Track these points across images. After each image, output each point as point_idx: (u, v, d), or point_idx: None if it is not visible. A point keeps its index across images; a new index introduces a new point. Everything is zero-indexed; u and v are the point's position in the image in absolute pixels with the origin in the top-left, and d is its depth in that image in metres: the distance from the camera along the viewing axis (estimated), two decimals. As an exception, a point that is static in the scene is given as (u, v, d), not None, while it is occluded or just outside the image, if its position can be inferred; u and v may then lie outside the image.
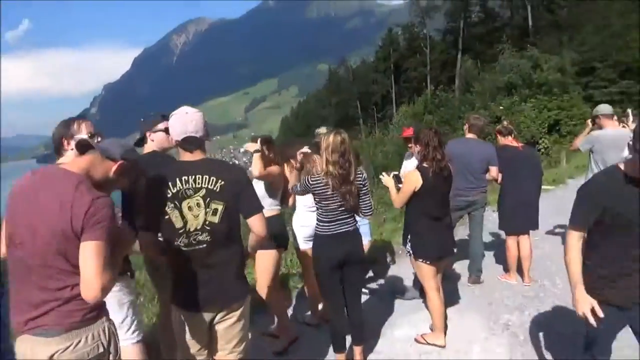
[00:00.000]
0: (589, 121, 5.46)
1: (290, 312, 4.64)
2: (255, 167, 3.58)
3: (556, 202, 9.27)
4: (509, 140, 5.09)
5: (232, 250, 2.40)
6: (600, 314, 2.23)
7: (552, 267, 5.56)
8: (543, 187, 11.53)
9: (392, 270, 5.81)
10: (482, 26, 57.58)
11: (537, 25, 48.94)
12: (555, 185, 11.81)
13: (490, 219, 6.93)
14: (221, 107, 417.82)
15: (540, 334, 3.91)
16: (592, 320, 2.23)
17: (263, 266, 3.78)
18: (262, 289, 3.78)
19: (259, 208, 2.43)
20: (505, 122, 5.29)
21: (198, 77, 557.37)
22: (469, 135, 4.99)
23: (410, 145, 4.54)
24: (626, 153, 5.20)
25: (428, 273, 3.54)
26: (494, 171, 4.88)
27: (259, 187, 3.74)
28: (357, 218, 3.41)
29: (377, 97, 66.44)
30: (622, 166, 2.22)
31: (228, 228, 2.35)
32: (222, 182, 2.32)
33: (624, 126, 5.31)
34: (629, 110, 5.76)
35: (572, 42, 36.16)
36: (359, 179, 3.29)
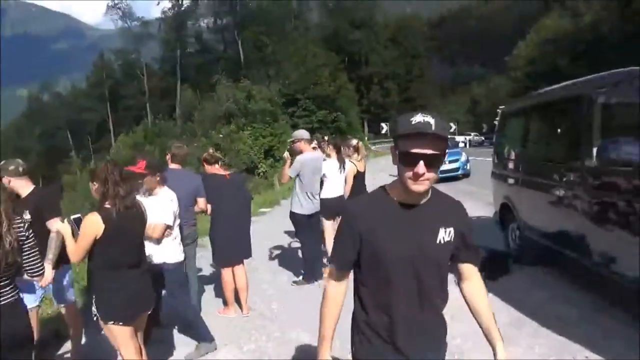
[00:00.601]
0: (286, 155, 5.75)
1: None
2: None
3: (272, 224, 9.79)
4: (216, 169, 4.88)
5: None
6: None
7: (269, 292, 5.60)
8: (261, 209, 12.24)
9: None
10: (199, 57, 59.47)
11: (248, 59, 53.41)
12: (271, 208, 12.55)
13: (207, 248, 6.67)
14: None
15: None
16: None
17: None
18: None
19: None
20: (211, 150, 5.07)
21: None
22: (173, 166, 4.57)
23: (140, 181, 3.77)
24: (322, 173, 5.75)
25: (124, 336, 2.89)
26: (202, 202, 4.58)
27: None
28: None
29: (92, 126, 60.81)
30: (388, 188, 1.70)
31: None
32: None
33: (315, 148, 5.84)
34: (325, 137, 6.56)
35: (278, 76, 40.65)
36: (19, 230, 2.46)
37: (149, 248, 3.82)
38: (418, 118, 1.49)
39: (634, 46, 17.87)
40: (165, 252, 3.79)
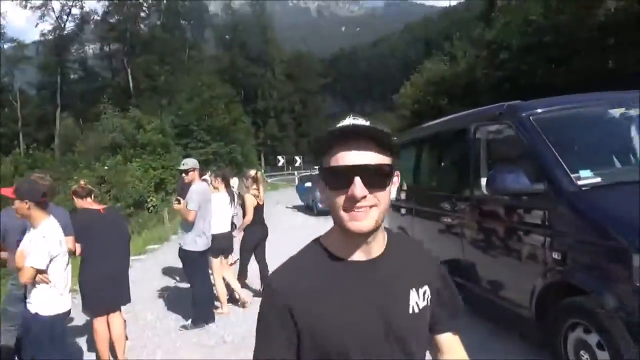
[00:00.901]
0: (176, 206, 5.30)
1: None
2: None
3: (160, 262, 9.02)
4: (88, 203, 4.28)
5: None
6: None
7: (154, 340, 4.97)
8: (149, 246, 11.30)
9: None
10: (83, 84, 55.72)
11: (138, 88, 51.11)
12: (160, 244, 11.69)
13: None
14: None
15: None
16: None
17: None
18: None
19: None
20: (82, 182, 4.44)
21: None
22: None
23: (14, 207, 3.22)
24: (216, 204, 5.35)
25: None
26: (69, 242, 3.94)
27: None
28: None
29: (-49, 157, 53.59)
30: (324, 240, 1.12)
31: None
32: None
33: (205, 179, 5.49)
34: (212, 170, 6.28)
35: (171, 106, 39.28)
36: None
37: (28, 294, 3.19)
38: (347, 122, 1.01)
39: (503, 90, 19.95)
40: (39, 300, 3.14)
